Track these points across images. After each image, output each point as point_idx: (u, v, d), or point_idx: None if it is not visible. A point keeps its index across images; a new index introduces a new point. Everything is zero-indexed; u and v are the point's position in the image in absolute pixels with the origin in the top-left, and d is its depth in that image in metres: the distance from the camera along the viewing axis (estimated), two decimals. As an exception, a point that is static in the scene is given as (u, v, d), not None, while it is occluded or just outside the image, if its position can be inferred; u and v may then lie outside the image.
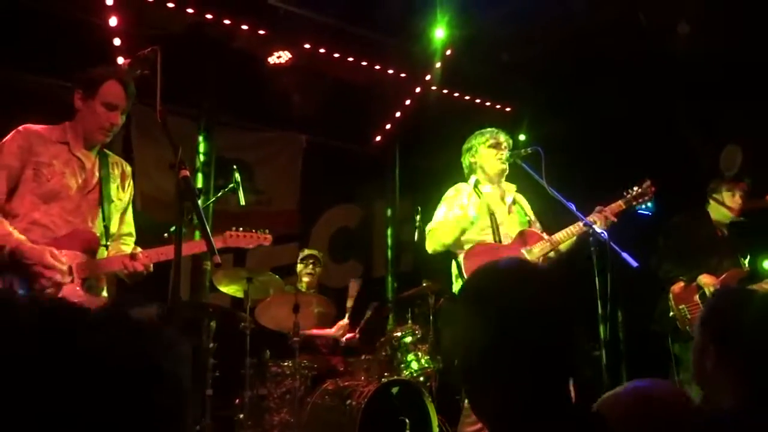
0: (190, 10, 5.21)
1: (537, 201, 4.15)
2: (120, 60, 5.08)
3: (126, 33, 5.00)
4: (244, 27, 5.48)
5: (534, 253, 3.83)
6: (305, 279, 5.49)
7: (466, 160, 4.08)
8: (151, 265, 2.93)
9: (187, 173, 2.10)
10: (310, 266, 5.51)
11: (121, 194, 3.14)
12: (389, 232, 7.38)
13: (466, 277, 3.72)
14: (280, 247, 6.92)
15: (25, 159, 2.83)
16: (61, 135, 2.96)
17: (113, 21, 4.84)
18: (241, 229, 3.24)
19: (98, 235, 2.97)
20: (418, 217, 5.42)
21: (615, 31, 6.07)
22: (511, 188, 4.10)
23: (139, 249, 3.03)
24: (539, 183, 3.66)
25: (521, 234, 3.91)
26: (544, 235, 3.88)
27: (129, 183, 3.19)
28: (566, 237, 3.79)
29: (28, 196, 2.81)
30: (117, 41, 4.96)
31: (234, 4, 5.34)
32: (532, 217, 4.11)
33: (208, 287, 5.59)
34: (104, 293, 3.00)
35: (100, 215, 3.00)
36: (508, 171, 4.00)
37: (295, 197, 7.11)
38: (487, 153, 3.93)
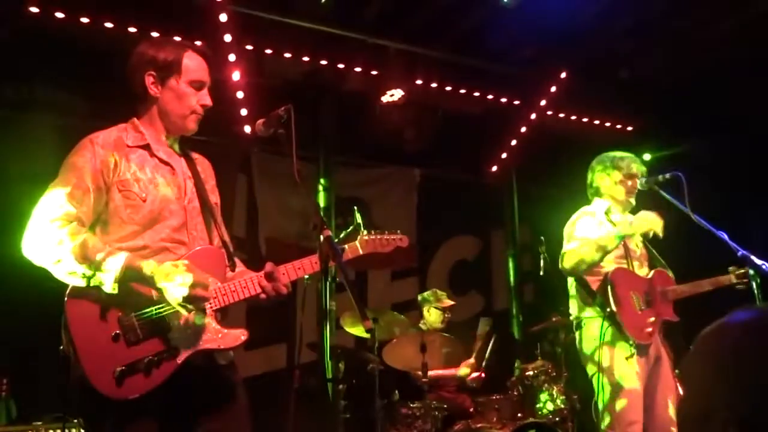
0: (305, 58, 5.37)
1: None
2: (244, 111, 5.33)
3: (248, 85, 5.23)
4: (357, 69, 5.57)
5: (670, 294, 3.59)
6: (438, 324, 5.37)
7: (594, 181, 3.83)
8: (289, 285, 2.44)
9: (330, 233, 2.10)
10: (447, 314, 5.42)
11: (214, 196, 2.57)
12: (510, 263, 7.18)
13: (611, 298, 3.50)
14: (399, 283, 6.93)
15: (108, 180, 2.25)
16: (137, 137, 2.37)
17: (236, 75, 5.06)
18: (373, 232, 2.77)
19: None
20: (542, 248, 5.24)
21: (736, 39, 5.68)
22: None
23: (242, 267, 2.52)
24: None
25: (658, 272, 3.66)
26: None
27: (214, 181, 2.62)
28: (706, 287, 3.53)
29: (126, 225, 2.24)
30: (240, 94, 5.18)
31: (347, 48, 5.45)
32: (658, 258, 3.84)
33: (333, 328, 5.64)
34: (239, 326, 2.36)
35: (212, 226, 2.45)
36: (634, 202, 3.76)
37: (412, 231, 7.08)
38: (621, 182, 3.69)
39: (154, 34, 4.65)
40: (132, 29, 4.69)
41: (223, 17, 4.76)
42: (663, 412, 3.50)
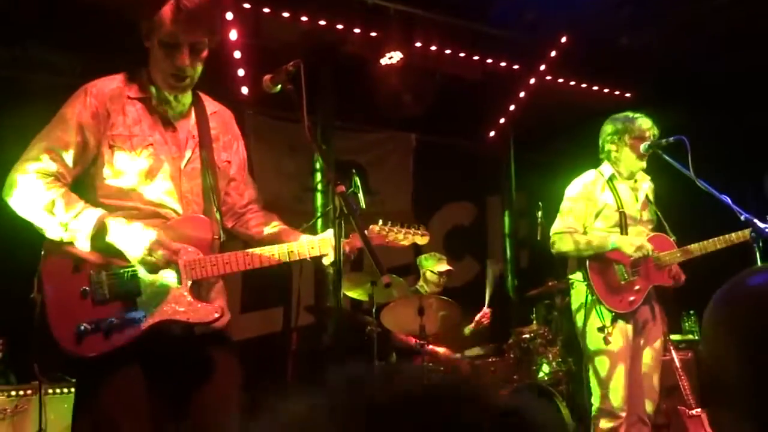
0: (304, 18, 5.27)
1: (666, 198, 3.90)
2: (241, 72, 5.24)
3: (245, 45, 5.13)
4: (357, 30, 5.48)
5: (663, 261, 3.60)
6: (434, 287, 5.40)
7: (604, 145, 3.78)
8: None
9: (344, 189, 2.07)
10: (443, 278, 5.44)
11: (227, 153, 2.37)
12: (507, 228, 7.19)
13: (588, 271, 3.55)
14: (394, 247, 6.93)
15: (100, 134, 2.13)
16: (142, 87, 2.22)
17: (233, 35, 4.97)
18: (390, 223, 2.50)
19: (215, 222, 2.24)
20: (539, 213, 5.24)
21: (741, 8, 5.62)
22: (644, 178, 3.83)
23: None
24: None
25: (653, 239, 3.67)
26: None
27: (237, 136, 2.43)
28: (704, 249, 3.53)
29: (114, 184, 2.14)
30: (237, 54, 5.09)
31: (346, 9, 5.35)
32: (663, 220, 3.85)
33: (331, 291, 5.66)
34: (218, 302, 2.26)
35: (211, 192, 2.26)
36: (643, 166, 3.74)
37: (407, 197, 7.08)
38: (631, 145, 3.66)
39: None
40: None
41: (221, -26, 4.65)
42: (646, 379, 3.56)
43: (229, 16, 4.86)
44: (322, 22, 5.34)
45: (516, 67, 6.39)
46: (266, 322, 5.99)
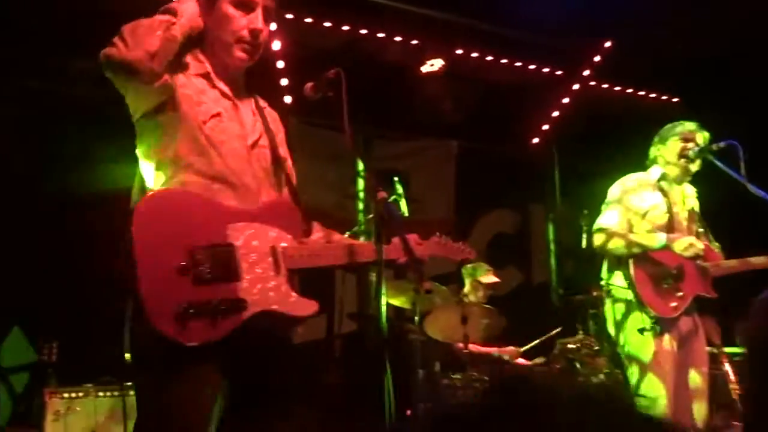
0: (345, 27, 5.31)
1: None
2: (284, 81, 5.31)
3: (287, 54, 5.20)
4: (398, 38, 5.50)
5: (721, 267, 3.51)
6: (479, 298, 5.34)
7: (651, 152, 3.75)
8: None
9: (385, 195, 2.06)
10: (489, 290, 5.39)
11: (283, 149, 2.22)
12: (551, 236, 7.09)
13: (632, 269, 3.46)
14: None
15: (172, 78, 1.94)
16: (198, 65, 2.05)
17: (277, 45, 5.04)
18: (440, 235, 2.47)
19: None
20: (584, 221, 5.14)
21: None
22: (692, 192, 3.77)
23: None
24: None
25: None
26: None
27: (283, 134, 2.28)
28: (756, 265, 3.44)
29: (176, 140, 1.93)
30: (281, 64, 5.16)
31: (387, 18, 5.37)
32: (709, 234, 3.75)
33: (373, 298, 5.66)
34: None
35: (282, 180, 2.13)
36: (693, 171, 3.65)
37: (449, 204, 7.04)
38: (674, 145, 3.60)
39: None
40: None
41: (265, -15, 4.72)
42: (687, 390, 3.45)
43: (273, 26, 4.92)
44: (364, 31, 5.37)
45: (559, 72, 6.32)
46: (309, 328, 6.01)
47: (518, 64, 6.10)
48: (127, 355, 1.88)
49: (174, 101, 1.93)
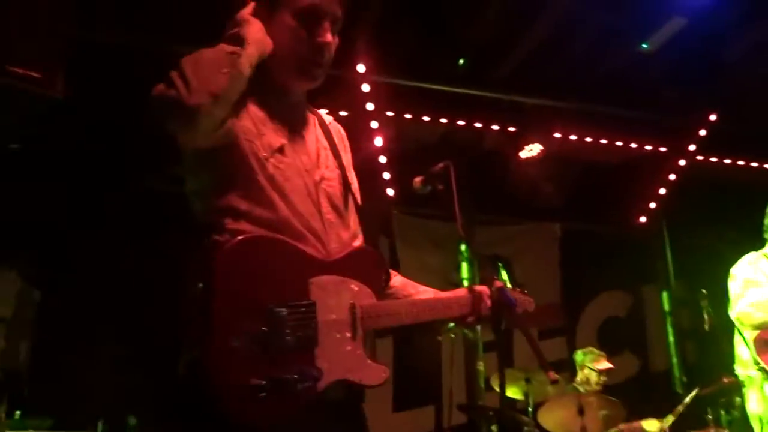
0: (443, 120, 5.48)
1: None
2: (387, 175, 5.50)
3: (389, 150, 5.41)
4: (495, 127, 5.60)
5: None
6: (594, 386, 5.10)
7: (766, 222, 3.61)
8: None
9: (501, 284, 2.05)
10: (603, 377, 5.14)
11: (350, 175, 1.94)
12: (667, 318, 6.72)
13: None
14: (546, 342, 6.68)
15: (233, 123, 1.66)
16: (257, 88, 1.72)
17: (378, 141, 5.26)
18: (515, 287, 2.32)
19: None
20: (704, 302, 4.86)
21: None
22: None
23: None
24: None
25: None
26: None
27: (350, 155, 2.00)
28: None
29: (238, 184, 1.66)
30: (382, 159, 5.37)
31: (483, 107, 5.52)
32: None
33: (483, 388, 5.52)
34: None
35: (351, 216, 1.86)
36: None
37: (556, 288, 6.87)
38: None
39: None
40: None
41: (365, 87, 5.00)
42: None
43: (374, 124, 5.18)
44: (461, 122, 5.52)
45: (663, 149, 6.18)
46: (418, 421, 5.90)
47: (618, 143, 6.03)
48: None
49: (232, 137, 1.66)
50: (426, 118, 5.41)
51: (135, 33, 4.23)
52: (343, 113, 5.14)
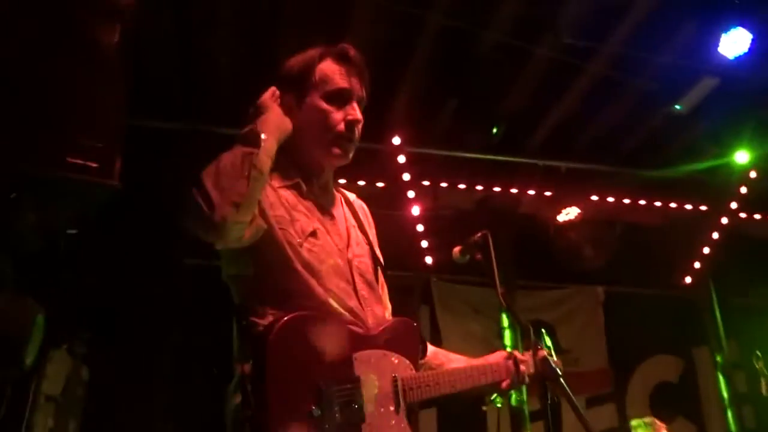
0: (479, 187, 5.54)
1: None
2: (424, 243, 5.54)
3: (426, 218, 5.46)
4: (531, 192, 5.63)
5: None
6: None
7: None
8: None
9: (545, 354, 2.04)
10: None
11: (377, 250, 2.02)
12: (722, 383, 6.46)
13: None
14: (595, 410, 6.46)
15: (266, 215, 1.73)
16: (283, 176, 1.83)
17: (416, 210, 5.33)
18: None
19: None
20: (760, 363, 4.69)
21: None
22: None
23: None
24: None
25: None
26: None
27: (374, 231, 2.08)
28: None
29: (279, 275, 1.72)
30: (420, 227, 5.42)
31: (518, 173, 5.56)
32: None
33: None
34: None
35: (381, 291, 1.96)
36: None
37: (602, 353, 6.69)
38: None
39: (341, 181, 5.08)
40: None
41: (402, 159, 5.11)
42: None
43: (411, 194, 5.25)
44: (497, 189, 5.57)
45: (703, 208, 6.10)
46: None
47: (657, 204, 5.98)
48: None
49: (266, 230, 1.71)
50: (462, 186, 5.47)
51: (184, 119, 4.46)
52: (380, 184, 5.24)
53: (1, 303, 2.21)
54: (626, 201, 5.91)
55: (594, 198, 5.84)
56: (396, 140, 5.05)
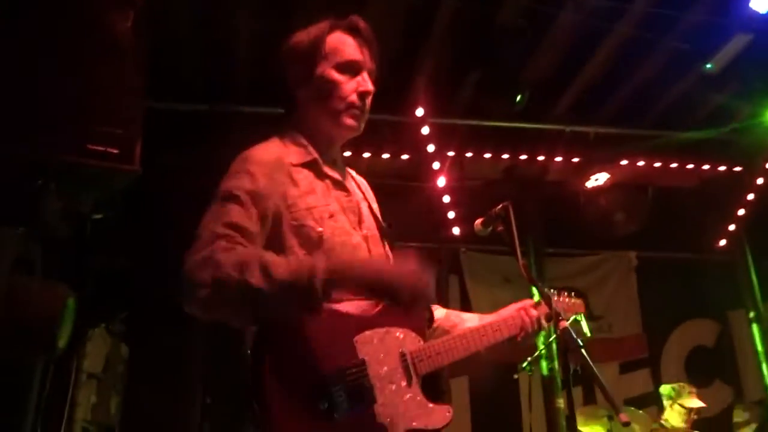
0: (505, 156, 5.48)
1: None
2: (451, 214, 5.53)
3: (452, 189, 5.44)
4: (558, 159, 5.55)
5: None
6: (682, 423, 4.88)
7: None
8: None
9: (566, 325, 2.03)
10: (694, 415, 4.92)
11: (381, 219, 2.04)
12: (759, 345, 6.36)
13: None
14: (629, 376, 6.44)
15: (278, 203, 1.72)
16: (300, 151, 1.85)
17: (441, 182, 5.31)
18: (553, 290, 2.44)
19: None
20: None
21: None
22: None
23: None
24: None
25: None
26: None
27: (376, 204, 2.09)
28: None
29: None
30: (446, 198, 5.40)
31: (545, 141, 5.48)
32: None
33: (564, 426, 5.35)
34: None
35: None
36: None
37: (637, 319, 6.65)
38: None
39: (366, 155, 5.08)
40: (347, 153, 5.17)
41: (425, 130, 5.08)
42: None
43: (436, 165, 5.23)
44: (523, 157, 5.50)
45: (737, 168, 5.94)
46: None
47: (690, 166, 5.84)
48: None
49: (285, 227, 1.72)
50: (488, 155, 5.42)
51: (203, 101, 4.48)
52: (404, 157, 5.23)
53: (31, 289, 2.28)
54: (657, 164, 5.78)
55: (624, 162, 5.73)
56: (419, 112, 5.01)
